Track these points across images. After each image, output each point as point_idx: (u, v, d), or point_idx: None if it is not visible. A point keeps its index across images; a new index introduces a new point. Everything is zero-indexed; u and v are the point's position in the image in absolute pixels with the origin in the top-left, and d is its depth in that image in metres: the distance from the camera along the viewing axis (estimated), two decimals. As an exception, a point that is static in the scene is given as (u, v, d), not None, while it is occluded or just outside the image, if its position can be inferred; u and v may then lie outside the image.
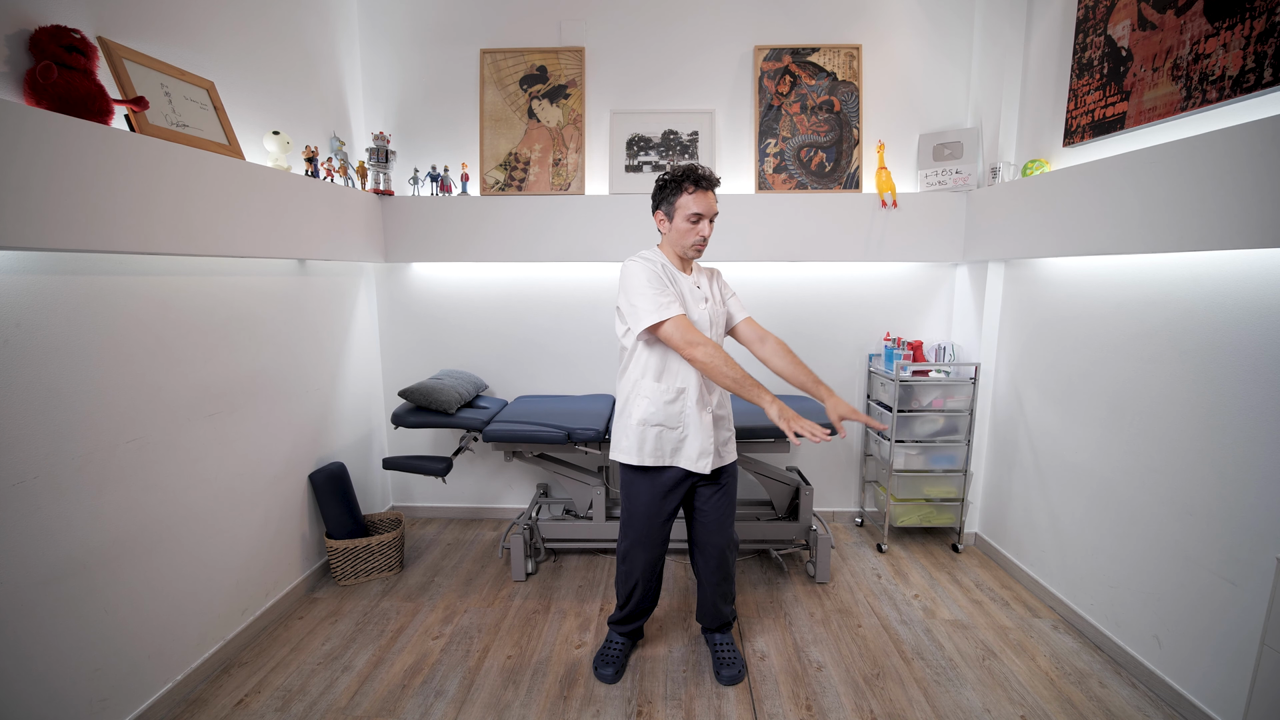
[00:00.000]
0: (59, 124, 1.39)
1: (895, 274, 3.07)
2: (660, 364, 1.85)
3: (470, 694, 1.93)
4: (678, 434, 1.85)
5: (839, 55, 2.95)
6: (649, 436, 1.85)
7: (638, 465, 1.88)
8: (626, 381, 1.91)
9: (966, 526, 2.94)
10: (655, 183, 1.89)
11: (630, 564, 1.99)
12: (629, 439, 1.88)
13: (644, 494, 1.91)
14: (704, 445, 1.85)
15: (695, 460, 1.85)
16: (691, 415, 1.84)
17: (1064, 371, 2.36)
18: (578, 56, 2.98)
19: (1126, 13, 2.03)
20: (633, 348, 1.87)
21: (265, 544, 2.30)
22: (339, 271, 2.83)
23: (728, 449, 1.96)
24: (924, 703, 1.89)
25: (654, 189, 1.89)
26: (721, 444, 1.93)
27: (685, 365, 1.82)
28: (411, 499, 3.34)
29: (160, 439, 1.83)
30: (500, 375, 3.21)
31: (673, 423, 1.84)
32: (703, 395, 1.86)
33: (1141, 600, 1.99)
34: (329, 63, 2.78)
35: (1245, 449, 1.66)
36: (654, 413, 1.84)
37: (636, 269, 1.80)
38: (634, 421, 1.86)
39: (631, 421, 1.87)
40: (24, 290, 1.46)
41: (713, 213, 1.83)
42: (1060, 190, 2.20)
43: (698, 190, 1.80)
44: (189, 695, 1.91)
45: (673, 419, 1.84)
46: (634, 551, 1.97)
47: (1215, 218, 1.62)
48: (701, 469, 1.85)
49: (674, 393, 1.84)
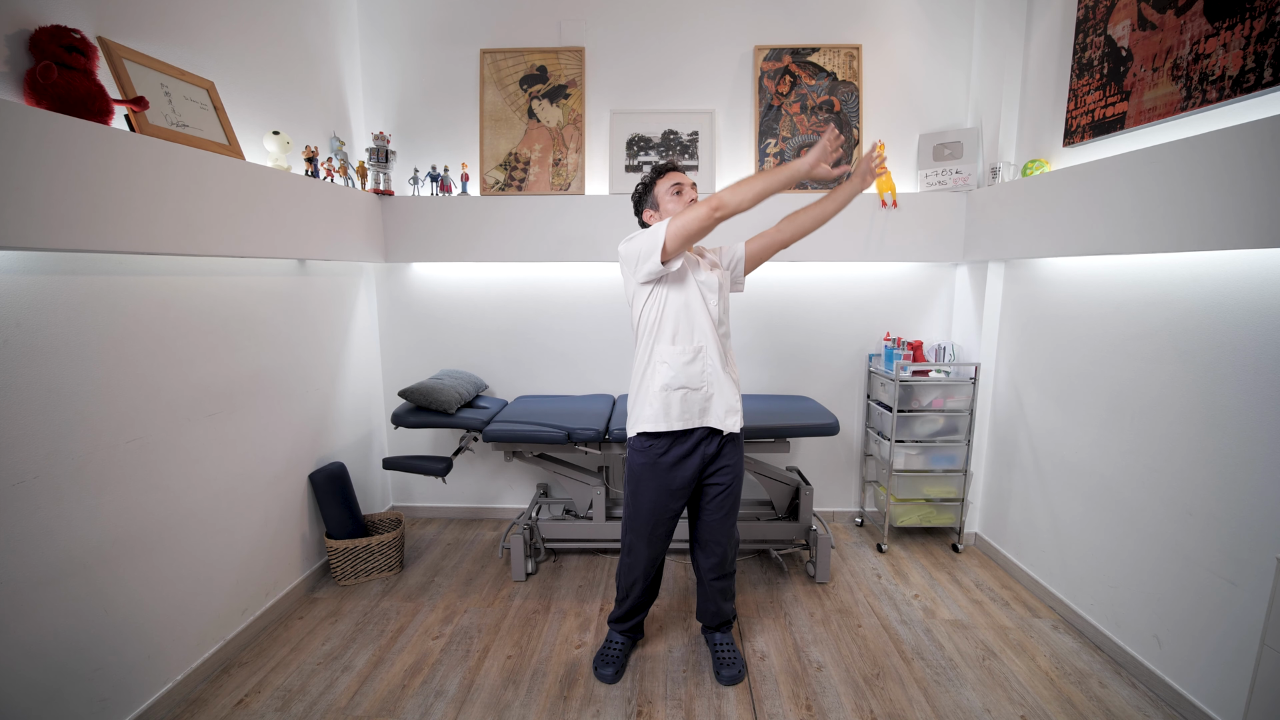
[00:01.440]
0: (59, 124, 1.39)
1: (895, 274, 3.07)
2: (673, 326, 1.82)
3: (470, 694, 1.93)
4: (703, 394, 1.83)
5: (839, 55, 2.95)
6: (674, 400, 1.81)
7: (664, 431, 1.82)
8: (640, 357, 1.88)
9: (966, 526, 2.94)
10: (631, 199, 1.99)
11: (634, 558, 1.99)
12: (651, 407, 1.83)
13: (651, 490, 1.90)
14: (730, 403, 1.85)
15: (724, 418, 1.84)
16: (715, 373, 1.84)
17: (1064, 371, 2.36)
18: (578, 56, 2.98)
19: (1126, 13, 2.03)
20: (644, 321, 1.84)
21: (265, 544, 2.30)
22: (339, 271, 2.83)
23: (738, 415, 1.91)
24: (924, 703, 1.89)
25: (633, 203, 1.99)
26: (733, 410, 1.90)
27: (699, 324, 1.81)
28: (411, 499, 3.34)
29: (160, 439, 1.83)
30: (500, 375, 3.21)
31: (695, 383, 1.82)
32: (723, 353, 1.87)
33: (1141, 600, 1.99)
34: (329, 63, 2.78)
35: (1245, 449, 1.66)
36: (675, 376, 1.81)
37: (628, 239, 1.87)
38: (656, 389, 1.83)
39: (654, 389, 1.83)
40: (24, 290, 1.46)
41: (687, 180, 1.90)
42: (1060, 190, 2.20)
43: (667, 173, 1.91)
44: (189, 695, 1.91)
45: (695, 379, 1.82)
46: (638, 546, 1.97)
47: (1215, 218, 1.62)
48: (731, 426, 1.85)
49: (692, 352, 1.81)
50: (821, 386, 3.15)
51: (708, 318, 1.84)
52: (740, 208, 1.65)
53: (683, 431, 1.85)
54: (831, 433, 2.55)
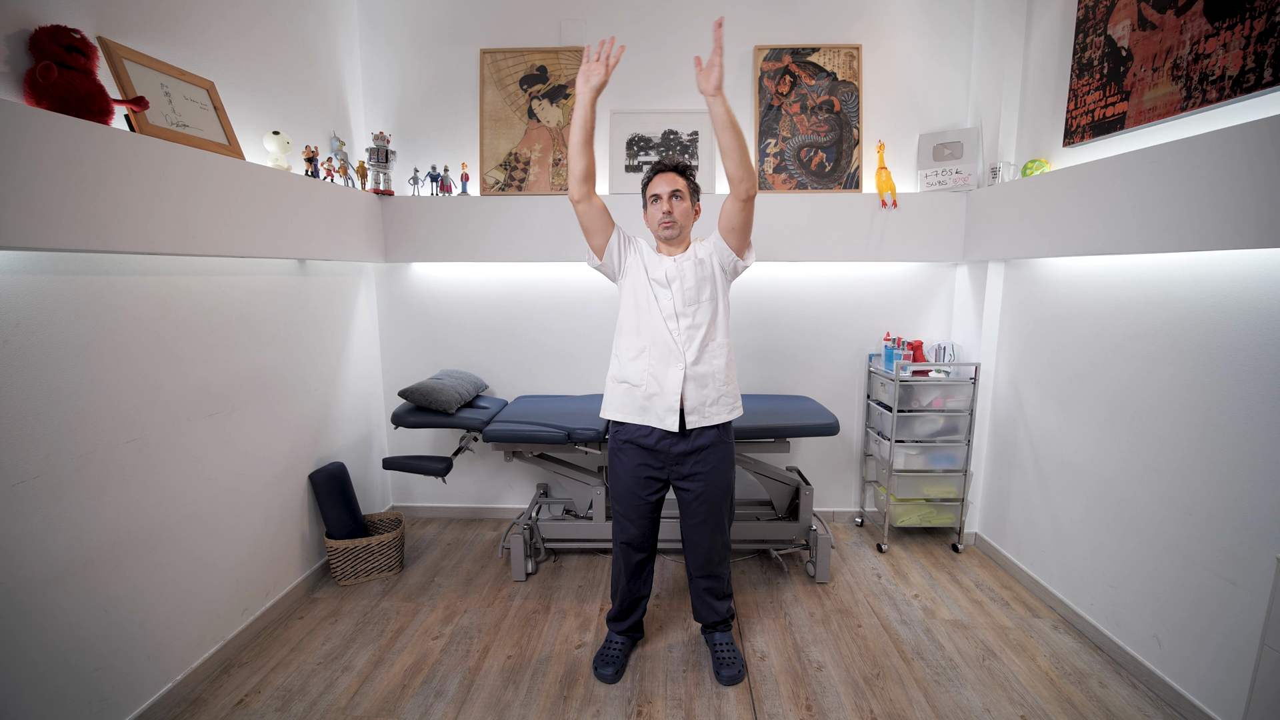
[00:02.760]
0: (59, 124, 1.39)
1: (895, 274, 3.07)
2: (625, 322, 1.94)
3: (470, 694, 1.93)
4: (642, 391, 1.89)
5: (839, 55, 2.95)
6: (618, 392, 1.94)
7: (619, 420, 1.95)
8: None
9: (966, 526, 2.94)
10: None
11: (615, 549, 2.05)
12: (608, 395, 1.98)
13: (621, 470, 1.98)
14: (671, 404, 1.86)
15: (662, 418, 1.87)
16: (658, 372, 1.87)
17: (1064, 371, 2.36)
18: (578, 56, 2.98)
19: (1126, 13, 2.03)
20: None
21: (265, 544, 2.30)
22: (339, 271, 2.83)
23: (714, 409, 1.89)
24: (924, 703, 1.89)
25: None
26: (705, 403, 1.88)
27: (647, 324, 1.88)
28: (411, 499, 3.34)
29: (160, 439, 1.83)
30: (500, 375, 3.21)
31: (636, 379, 1.90)
32: (670, 352, 1.86)
33: (1141, 600, 1.99)
34: (329, 63, 2.78)
35: (1245, 449, 1.66)
36: (620, 369, 1.94)
37: None
38: (610, 378, 1.97)
39: (609, 379, 1.98)
40: (24, 290, 1.46)
41: (673, 188, 1.87)
42: (1060, 190, 2.20)
43: (657, 175, 1.91)
44: (189, 695, 1.91)
45: (635, 376, 1.90)
46: (616, 531, 2.04)
47: (1215, 218, 1.62)
48: (669, 426, 1.87)
49: (636, 350, 1.90)
50: (821, 386, 3.15)
51: (658, 314, 1.87)
52: (575, 155, 1.79)
53: (638, 425, 1.91)
54: (831, 433, 2.55)
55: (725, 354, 1.91)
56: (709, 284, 1.89)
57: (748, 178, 1.74)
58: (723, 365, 1.91)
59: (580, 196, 1.83)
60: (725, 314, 1.93)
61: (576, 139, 1.77)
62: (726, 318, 1.94)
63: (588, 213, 1.86)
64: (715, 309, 1.90)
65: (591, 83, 1.72)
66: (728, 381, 1.92)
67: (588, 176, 1.81)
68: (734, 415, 1.94)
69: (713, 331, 1.90)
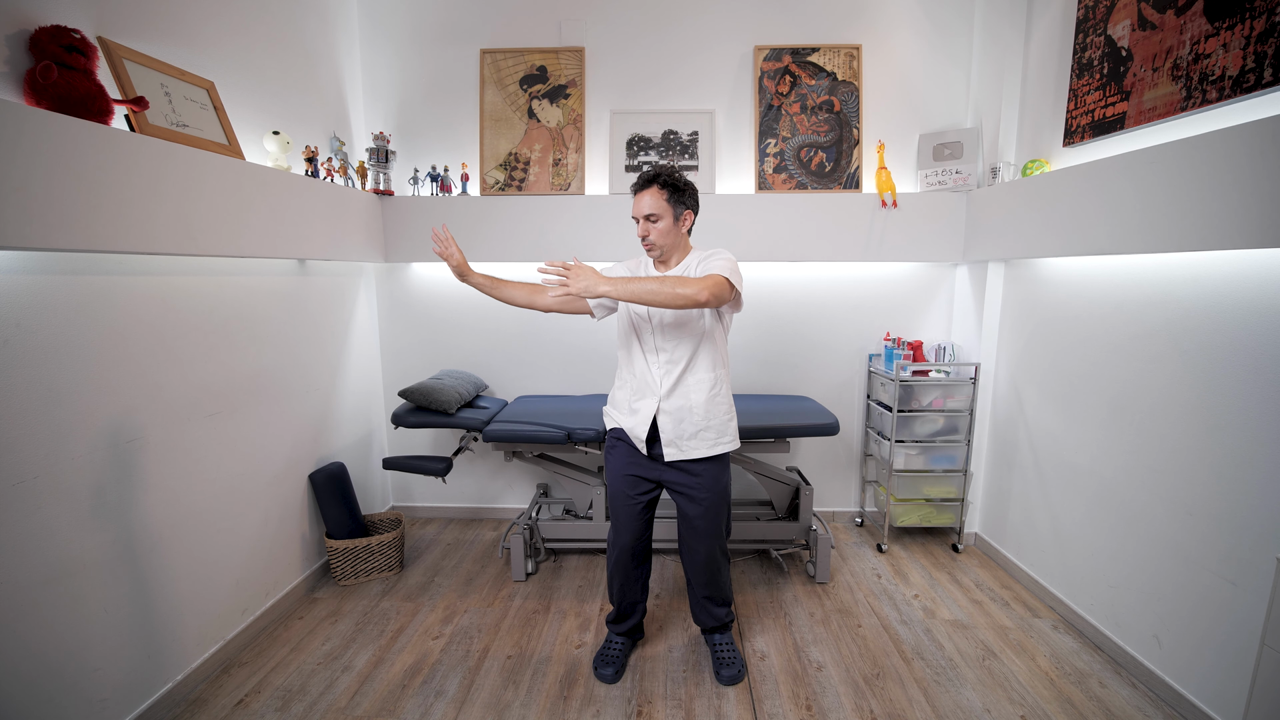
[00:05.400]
0: (59, 124, 1.39)
1: (895, 274, 3.07)
2: (619, 351, 2.01)
3: (470, 694, 1.93)
4: (626, 421, 1.96)
5: (839, 55, 2.95)
6: (611, 412, 2.04)
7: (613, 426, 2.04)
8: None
9: (966, 526, 2.94)
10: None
11: (609, 553, 2.06)
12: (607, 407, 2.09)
13: (612, 470, 2.01)
14: (640, 435, 1.90)
15: (641, 441, 1.92)
16: (635, 404, 1.93)
17: (1064, 371, 2.36)
18: (578, 56, 2.98)
19: (1126, 13, 2.03)
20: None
21: (265, 544, 2.30)
22: (339, 271, 2.83)
23: (692, 444, 1.86)
24: (924, 703, 1.89)
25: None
26: (682, 436, 1.87)
27: (628, 357, 1.96)
28: (411, 499, 3.34)
29: (160, 439, 1.83)
30: (500, 375, 3.21)
31: (622, 407, 1.98)
32: (647, 384, 1.90)
33: (1141, 600, 1.99)
34: (329, 63, 2.78)
35: (1245, 449, 1.66)
36: (612, 394, 2.05)
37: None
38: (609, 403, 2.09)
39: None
40: (24, 290, 1.46)
41: (648, 212, 1.78)
42: (1060, 190, 2.20)
43: (635, 193, 1.84)
44: (189, 695, 1.91)
45: (618, 405, 2.00)
46: (611, 539, 2.05)
47: (1215, 218, 1.62)
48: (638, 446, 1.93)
49: (622, 380, 2.00)
50: (821, 386, 3.15)
51: (638, 348, 1.92)
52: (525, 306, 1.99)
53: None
54: (831, 433, 2.55)
55: (708, 389, 1.85)
56: (696, 319, 1.83)
57: (696, 299, 1.62)
58: (703, 400, 1.84)
59: (556, 308, 1.97)
60: (714, 347, 1.86)
61: (517, 300, 1.96)
62: (715, 350, 1.86)
63: (567, 304, 1.97)
64: (698, 344, 1.84)
65: (454, 266, 1.90)
66: (709, 416, 1.85)
67: (548, 309, 1.96)
68: (716, 451, 1.87)
69: (694, 366, 1.84)
